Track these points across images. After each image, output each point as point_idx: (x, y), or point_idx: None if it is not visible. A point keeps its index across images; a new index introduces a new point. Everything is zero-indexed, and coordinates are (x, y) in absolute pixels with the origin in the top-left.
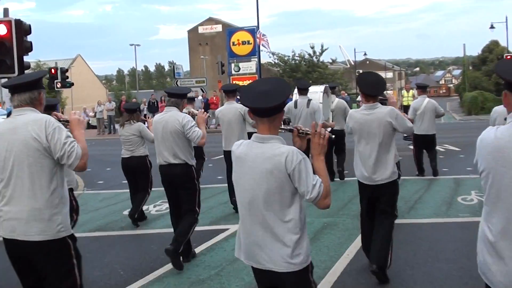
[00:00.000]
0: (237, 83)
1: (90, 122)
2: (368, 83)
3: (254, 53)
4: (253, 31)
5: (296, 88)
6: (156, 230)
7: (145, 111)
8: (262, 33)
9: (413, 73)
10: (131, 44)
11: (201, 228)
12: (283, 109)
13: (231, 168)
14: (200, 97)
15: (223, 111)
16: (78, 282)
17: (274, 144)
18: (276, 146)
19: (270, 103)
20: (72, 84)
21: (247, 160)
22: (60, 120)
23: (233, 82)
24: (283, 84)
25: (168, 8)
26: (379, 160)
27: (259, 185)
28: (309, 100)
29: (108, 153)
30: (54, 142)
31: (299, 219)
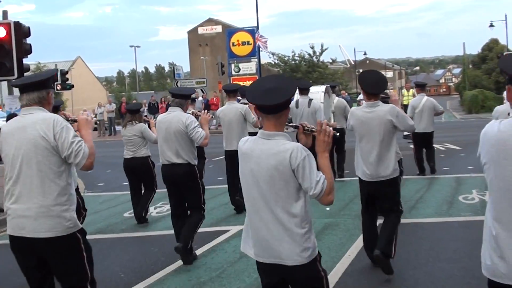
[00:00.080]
0: (237, 83)
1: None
2: (369, 81)
3: (254, 53)
4: (252, 32)
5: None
6: (156, 232)
7: (145, 112)
8: (260, 34)
9: (413, 72)
10: (131, 46)
11: (202, 229)
12: (289, 106)
13: (231, 168)
14: (201, 98)
15: (224, 111)
16: (89, 275)
17: (280, 140)
18: (281, 143)
19: (276, 100)
20: (72, 86)
21: (252, 156)
22: (68, 119)
23: (233, 82)
24: (289, 81)
25: (168, 9)
26: (380, 157)
27: (265, 181)
28: (310, 99)
29: (109, 155)
30: (62, 141)
31: (305, 214)
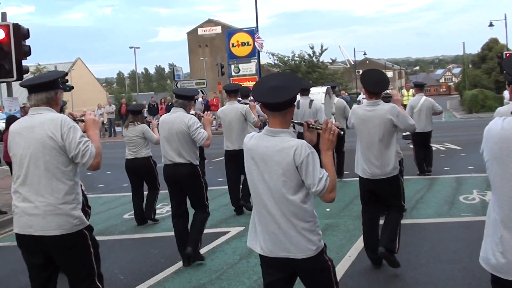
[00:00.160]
0: (237, 83)
1: None
2: (371, 80)
3: (253, 54)
4: (252, 33)
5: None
6: (156, 234)
7: (145, 113)
8: (257, 35)
9: (413, 72)
10: (131, 47)
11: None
12: (294, 103)
13: (231, 168)
14: (200, 99)
15: (225, 111)
16: (96, 270)
17: (284, 137)
18: (286, 140)
19: (282, 98)
20: (72, 88)
21: (258, 152)
22: (76, 119)
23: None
24: (294, 79)
25: (167, 10)
26: (379, 155)
27: (270, 177)
28: (311, 100)
29: (109, 156)
30: (69, 141)
31: (310, 207)
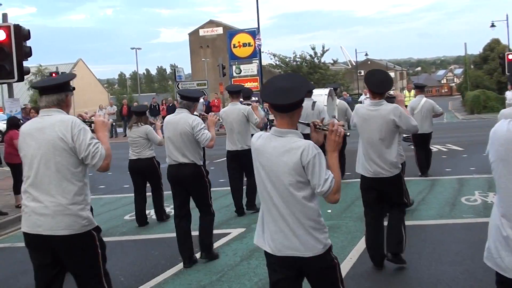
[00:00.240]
0: (240, 84)
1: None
2: (375, 80)
3: (255, 55)
4: (253, 33)
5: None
6: (157, 235)
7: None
8: (257, 36)
9: (414, 72)
10: (132, 48)
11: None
12: (302, 104)
13: (233, 168)
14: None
15: (227, 111)
16: (103, 271)
17: (292, 138)
18: (293, 140)
19: (289, 99)
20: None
21: (265, 152)
22: (85, 120)
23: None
24: (302, 80)
25: (169, 11)
26: (381, 155)
27: (277, 177)
28: (314, 102)
29: None
30: (79, 143)
31: (317, 207)
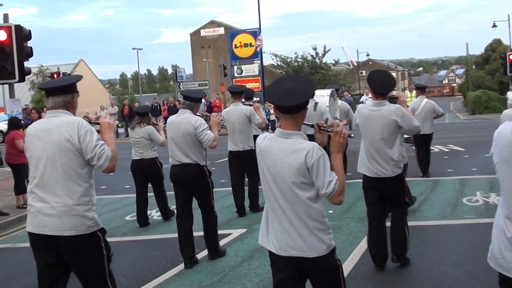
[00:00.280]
0: (242, 85)
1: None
2: (377, 81)
3: (256, 55)
4: (255, 34)
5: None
6: (158, 236)
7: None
8: (258, 37)
9: (416, 73)
10: (134, 48)
11: (202, 233)
12: (307, 106)
13: (234, 169)
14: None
15: (229, 112)
16: (107, 271)
17: (297, 139)
18: (298, 142)
19: (295, 101)
20: None
21: (270, 153)
22: (91, 122)
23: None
24: (308, 82)
25: (170, 11)
26: (383, 155)
27: (282, 178)
28: (316, 103)
29: None
30: (86, 144)
31: (321, 208)
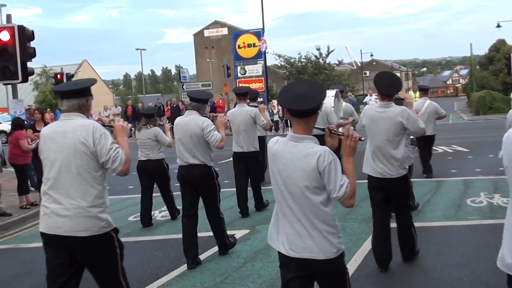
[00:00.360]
0: (247, 86)
1: None
2: (384, 82)
3: (260, 55)
4: (258, 34)
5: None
6: (161, 237)
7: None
8: (262, 38)
9: (420, 73)
10: (137, 49)
11: (206, 234)
12: (318, 111)
13: (238, 169)
14: None
15: (234, 113)
16: (120, 270)
17: (308, 143)
18: (309, 146)
19: (307, 105)
20: None
21: (282, 157)
22: (104, 125)
23: (239, 85)
24: (320, 87)
25: (174, 12)
26: (388, 156)
27: (293, 181)
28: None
29: None
30: (101, 147)
31: (332, 211)
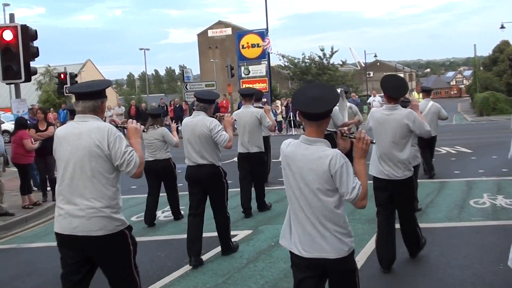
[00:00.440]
0: (253, 87)
1: None
2: (391, 85)
3: (263, 56)
4: (262, 34)
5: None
6: (163, 237)
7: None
8: (265, 39)
9: (424, 74)
10: (141, 48)
11: (208, 234)
12: (330, 114)
13: (243, 169)
14: None
15: (240, 114)
16: (133, 266)
17: (320, 146)
18: (322, 149)
19: (320, 109)
20: None
21: (295, 159)
22: (117, 126)
23: (243, 85)
24: (333, 91)
25: (178, 12)
26: (394, 158)
27: (306, 184)
28: None
29: None
30: (115, 150)
31: (343, 213)
